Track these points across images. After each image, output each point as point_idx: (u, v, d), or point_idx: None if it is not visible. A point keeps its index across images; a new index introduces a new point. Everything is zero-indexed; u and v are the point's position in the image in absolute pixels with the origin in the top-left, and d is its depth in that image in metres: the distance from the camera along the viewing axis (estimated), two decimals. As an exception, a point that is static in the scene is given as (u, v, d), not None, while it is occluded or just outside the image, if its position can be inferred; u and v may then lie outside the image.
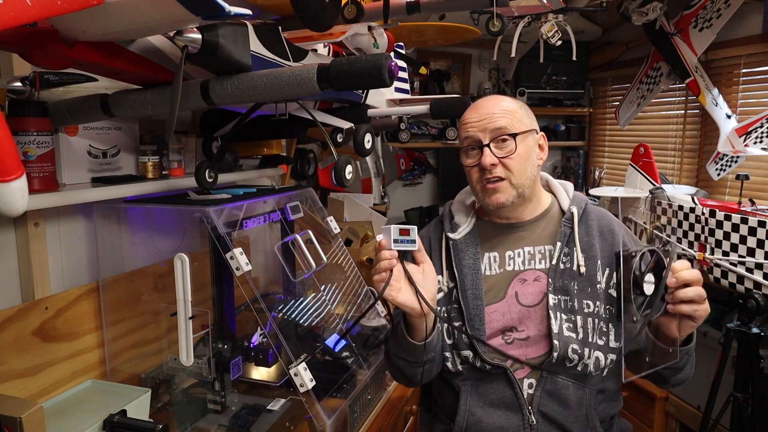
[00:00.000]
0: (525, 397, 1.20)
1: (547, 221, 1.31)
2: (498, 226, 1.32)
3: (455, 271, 1.28)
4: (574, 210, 1.28)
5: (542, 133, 1.31)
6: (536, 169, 1.28)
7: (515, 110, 1.25)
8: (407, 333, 1.19)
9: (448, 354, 1.25)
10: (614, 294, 1.23)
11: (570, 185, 1.38)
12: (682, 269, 1.05)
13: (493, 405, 1.22)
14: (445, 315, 1.27)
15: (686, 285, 1.05)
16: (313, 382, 1.32)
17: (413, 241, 1.11)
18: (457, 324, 1.25)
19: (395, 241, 1.10)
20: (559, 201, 1.34)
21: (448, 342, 1.26)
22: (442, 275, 1.31)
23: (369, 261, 2.38)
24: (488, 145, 1.21)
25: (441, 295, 1.29)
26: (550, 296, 1.21)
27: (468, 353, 1.23)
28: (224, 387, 1.48)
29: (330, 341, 1.67)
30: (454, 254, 1.29)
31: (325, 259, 1.67)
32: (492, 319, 1.24)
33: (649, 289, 1.07)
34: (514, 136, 1.21)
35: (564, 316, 1.20)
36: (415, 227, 1.12)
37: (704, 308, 1.06)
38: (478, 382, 1.24)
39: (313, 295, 1.88)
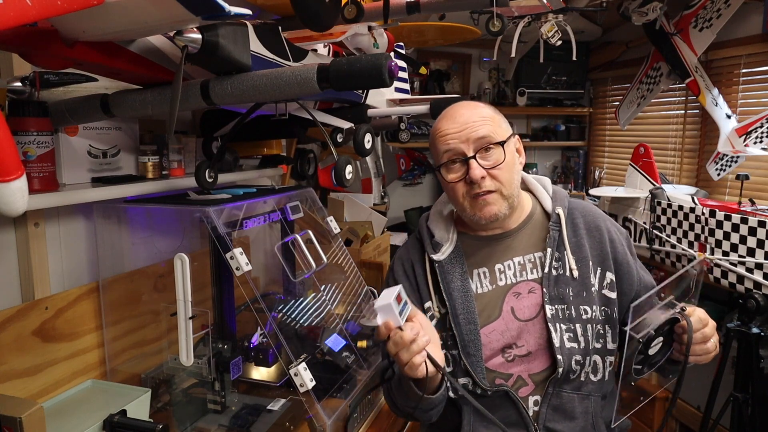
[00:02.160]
0: (530, 415, 1.16)
1: (532, 226, 1.25)
2: (482, 239, 1.26)
3: (444, 296, 1.20)
4: (560, 211, 1.23)
5: (517, 135, 1.24)
6: (519, 175, 1.22)
7: (493, 116, 1.18)
8: (415, 385, 1.08)
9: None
10: (608, 294, 1.20)
11: (547, 180, 1.32)
12: (702, 331, 1.06)
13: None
14: (441, 342, 1.18)
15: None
16: (313, 382, 1.32)
17: (406, 302, 1.01)
18: (454, 352, 1.18)
19: (400, 313, 0.98)
20: (541, 201, 1.29)
21: (448, 369, 1.19)
22: (432, 301, 1.23)
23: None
24: (474, 157, 1.13)
25: (434, 322, 1.21)
26: (547, 307, 1.16)
27: (466, 380, 1.18)
28: (224, 387, 1.48)
29: (331, 342, 1.67)
30: (441, 277, 1.22)
31: (325, 259, 1.67)
32: (491, 340, 1.18)
33: (654, 350, 1.07)
34: (501, 144, 1.14)
35: (563, 326, 1.16)
36: (400, 286, 1.02)
37: (709, 357, 1.08)
38: (481, 402, 1.16)
39: (313, 295, 1.88)
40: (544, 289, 1.18)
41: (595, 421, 1.18)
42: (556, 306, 1.17)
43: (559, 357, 1.13)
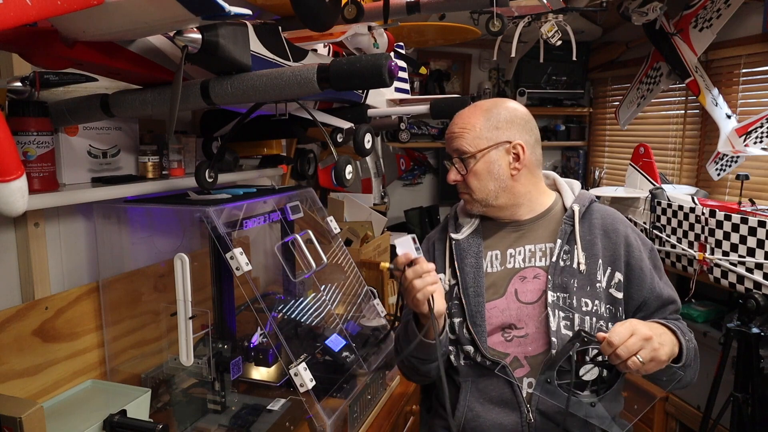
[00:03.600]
0: (524, 395, 1.21)
1: (548, 219, 1.32)
2: (500, 224, 1.35)
3: (457, 269, 1.30)
4: (576, 208, 1.29)
5: (519, 141, 1.26)
6: (505, 181, 1.27)
7: (477, 126, 1.26)
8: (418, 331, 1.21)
9: (451, 347, 1.28)
10: (615, 294, 1.24)
11: (577, 184, 1.39)
12: (625, 345, 1.04)
13: (493, 402, 1.24)
14: (447, 311, 1.29)
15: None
16: (313, 382, 1.32)
17: (419, 249, 1.19)
18: (458, 320, 1.28)
19: (417, 249, 1.17)
20: (564, 199, 1.35)
21: (451, 337, 1.29)
22: (445, 273, 1.34)
23: (392, 271, 2.16)
24: (452, 162, 1.29)
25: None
26: (549, 293, 1.22)
27: (469, 348, 1.25)
28: (224, 387, 1.48)
29: (331, 342, 1.67)
30: (457, 254, 1.32)
31: (325, 259, 1.67)
32: (491, 315, 1.26)
33: (592, 375, 1.13)
34: (467, 157, 1.26)
35: (562, 314, 1.21)
36: (414, 235, 1.20)
37: (648, 368, 1.06)
38: (479, 379, 1.26)
39: (313, 295, 1.88)
40: (549, 276, 1.24)
41: (588, 414, 1.19)
42: (558, 294, 1.23)
43: (554, 339, 1.19)
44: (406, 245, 1.15)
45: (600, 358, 1.12)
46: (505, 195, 1.29)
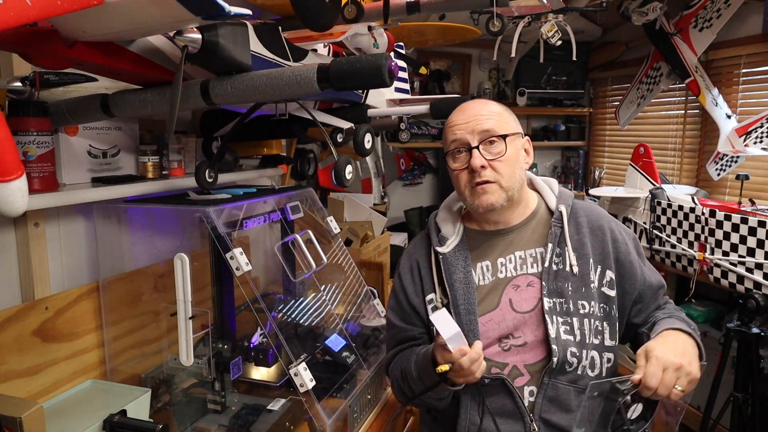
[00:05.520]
0: (526, 405, 1.18)
1: (536, 223, 1.29)
2: (487, 233, 1.30)
3: (446, 286, 1.26)
4: (563, 209, 1.27)
5: (527, 137, 1.30)
6: (524, 173, 1.27)
7: (501, 113, 1.24)
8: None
9: None
10: (607, 292, 1.23)
11: (555, 182, 1.37)
12: (645, 383, 1.02)
13: (494, 413, 1.20)
14: None
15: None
16: (313, 382, 1.32)
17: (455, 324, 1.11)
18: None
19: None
20: (546, 200, 1.33)
21: None
22: (435, 292, 1.29)
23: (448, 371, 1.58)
24: (477, 147, 1.20)
25: None
26: (545, 300, 1.19)
27: None
28: (224, 387, 1.48)
29: (331, 342, 1.67)
30: (445, 269, 1.27)
31: (325, 259, 1.67)
32: (488, 329, 1.22)
33: (637, 411, 1.08)
34: (503, 137, 1.20)
35: (560, 320, 1.19)
36: (444, 309, 1.12)
37: (682, 393, 1.04)
38: (478, 391, 1.22)
39: (313, 295, 1.88)
40: (543, 283, 1.21)
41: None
42: (554, 299, 1.20)
43: (554, 347, 1.16)
44: (457, 339, 1.07)
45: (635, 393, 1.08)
46: (520, 190, 1.26)
